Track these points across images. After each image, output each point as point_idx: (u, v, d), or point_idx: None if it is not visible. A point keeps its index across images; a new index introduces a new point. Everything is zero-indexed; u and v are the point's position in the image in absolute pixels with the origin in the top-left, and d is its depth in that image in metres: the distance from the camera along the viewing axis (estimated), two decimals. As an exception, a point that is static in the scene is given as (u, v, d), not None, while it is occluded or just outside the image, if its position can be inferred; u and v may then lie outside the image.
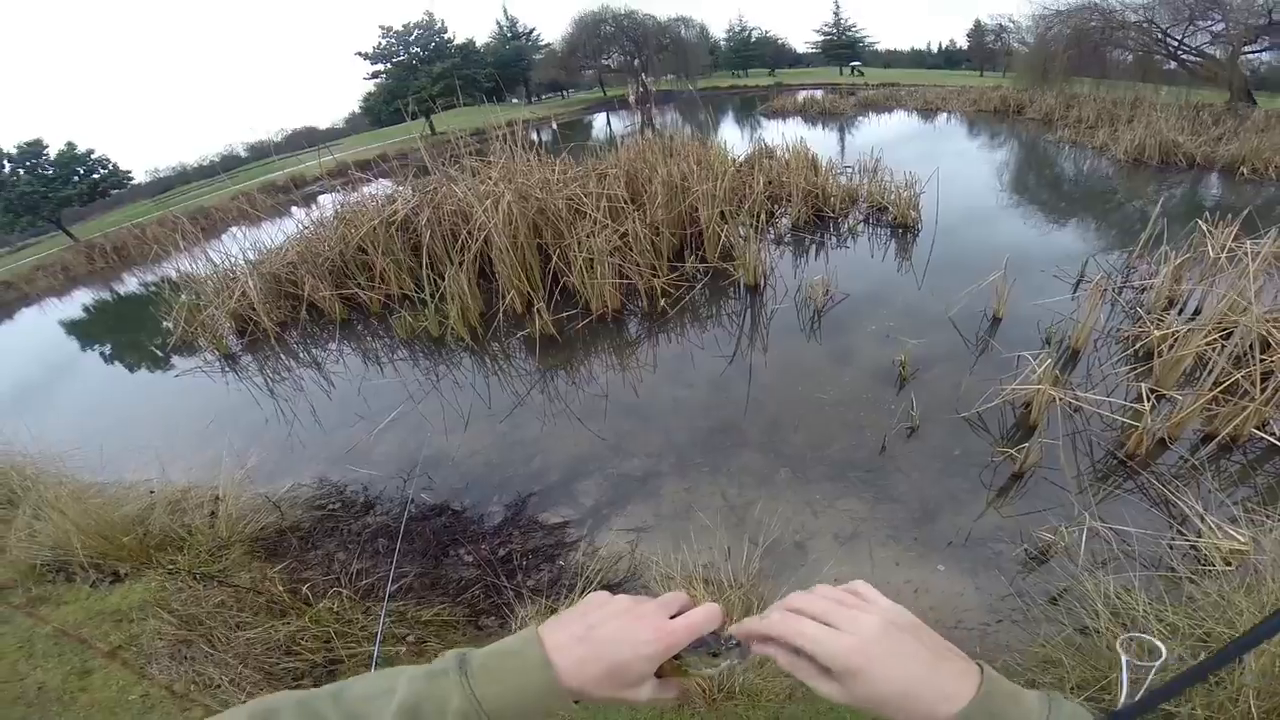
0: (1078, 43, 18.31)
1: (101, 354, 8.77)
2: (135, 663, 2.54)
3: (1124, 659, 0.63)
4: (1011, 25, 26.81)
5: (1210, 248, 4.53)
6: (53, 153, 24.45)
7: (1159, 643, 0.61)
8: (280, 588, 2.71)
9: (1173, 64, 17.76)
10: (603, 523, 3.27)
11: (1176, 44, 17.27)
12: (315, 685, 2.46)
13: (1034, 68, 19.62)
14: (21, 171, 23.33)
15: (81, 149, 25.36)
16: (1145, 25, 17.36)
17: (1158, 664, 0.60)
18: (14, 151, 23.41)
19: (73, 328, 11.30)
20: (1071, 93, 18.41)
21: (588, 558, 2.98)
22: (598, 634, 0.51)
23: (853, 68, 47.36)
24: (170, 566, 3.05)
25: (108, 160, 26.24)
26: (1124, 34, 17.83)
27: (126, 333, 9.40)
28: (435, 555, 3.15)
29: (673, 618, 0.53)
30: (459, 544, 3.22)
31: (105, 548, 3.15)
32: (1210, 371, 3.18)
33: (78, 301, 13.68)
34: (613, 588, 2.76)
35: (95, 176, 25.59)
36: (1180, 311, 4.38)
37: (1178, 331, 3.66)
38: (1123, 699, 0.58)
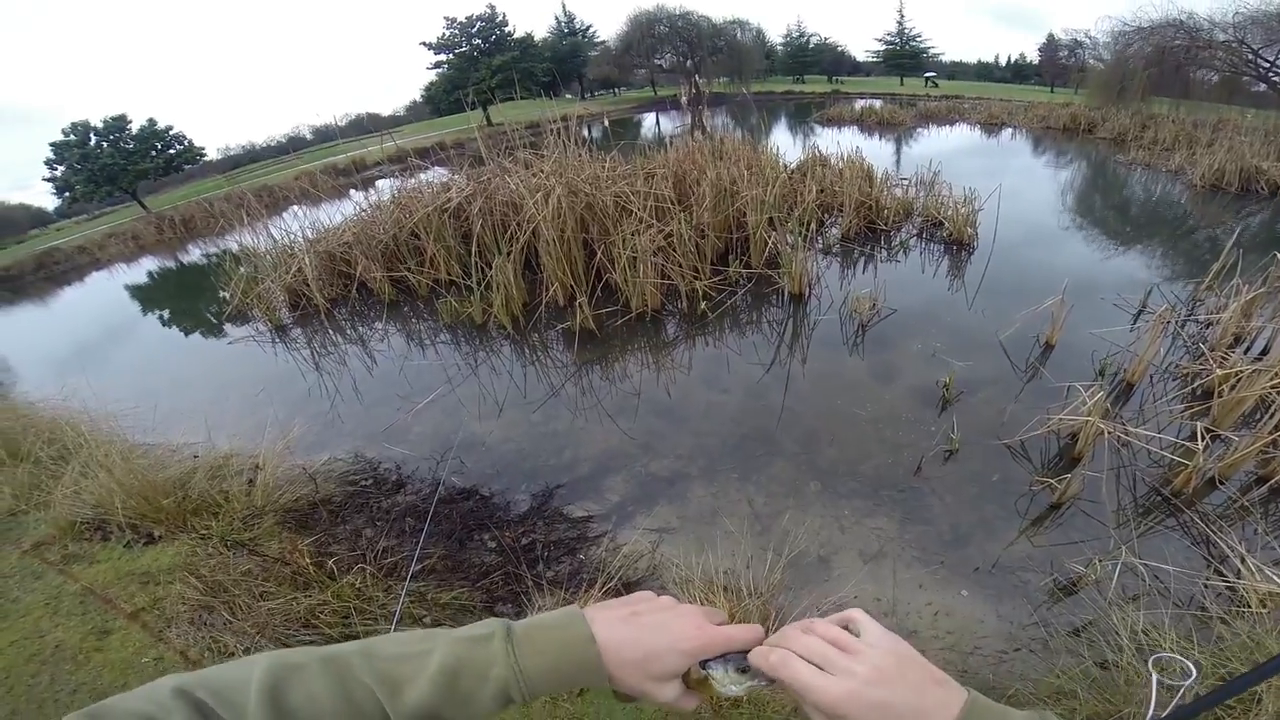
0: (1159, 61, 17.38)
1: (161, 318, 9.29)
2: (155, 626, 2.59)
3: (1154, 676, 0.64)
4: (1088, 41, 25.65)
5: (1287, 283, 4.26)
6: (135, 128, 25.91)
7: (1189, 663, 0.62)
8: (307, 559, 2.75)
9: (1262, 86, 16.71)
10: (627, 520, 3.28)
11: (1269, 65, 16.23)
12: None
13: (1110, 85, 18.72)
14: (105, 145, 24.82)
15: (161, 125, 26.82)
16: (1235, 45, 16.37)
17: (1188, 683, 0.61)
18: (100, 125, 24.92)
19: (137, 292, 12.00)
20: (1149, 113, 17.52)
21: (609, 554, 2.99)
22: (642, 619, 0.52)
23: (927, 78, 45.77)
24: (204, 532, 3.11)
25: (184, 137, 27.73)
26: (1210, 54, 16.86)
27: (186, 299, 9.95)
28: (460, 538, 3.20)
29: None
30: (484, 529, 3.27)
31: (145, 509, 3.23)
32: (1272, 414, 3.01)
33: (144, 268, 14.51)
34: (632, 585, 2.78)
35: (171, 152, 27.08)
36: (1247, 350, 4.13)
37: (1242, 371, 3.46)
38: (1150, 715, 0.58)
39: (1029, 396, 3.92)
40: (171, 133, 27.16)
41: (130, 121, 25.67)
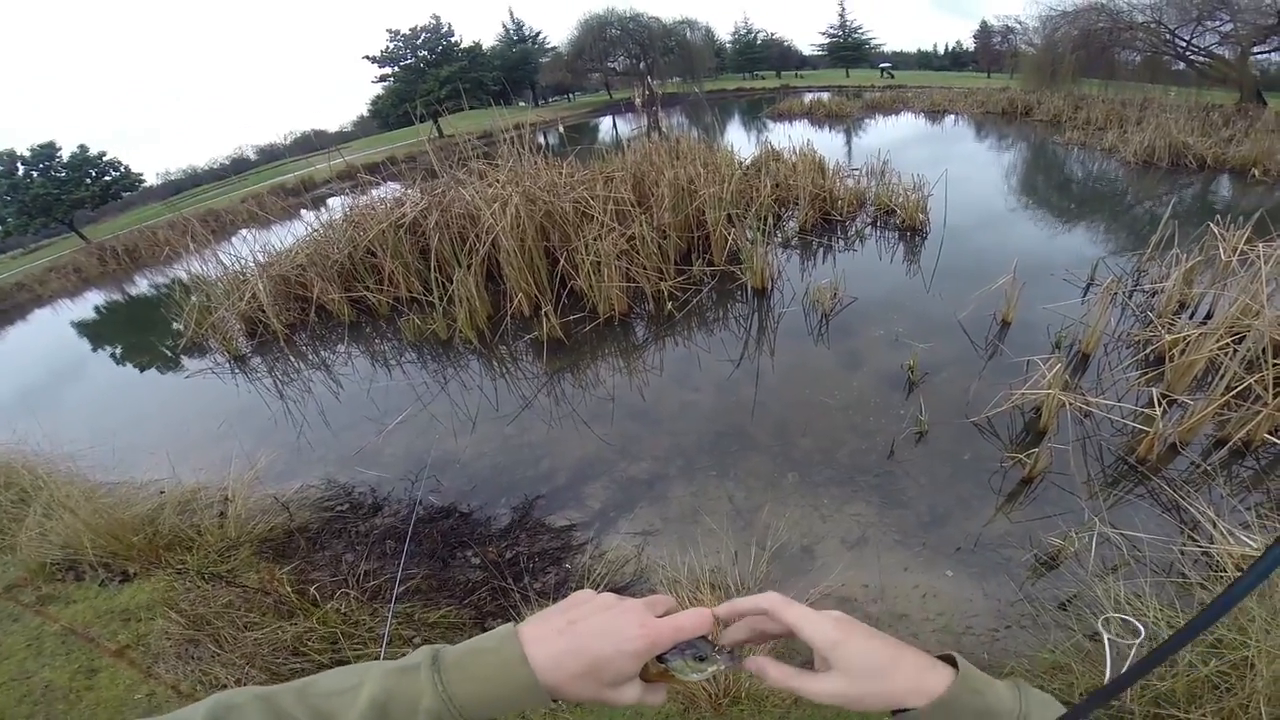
0: (1085, 44, 18.22)
1: (113, 355, 8.86)
2: (142, 662, 2.56)
3: (1106, 637, 0.66)
4: (1019, 26, 26.62)
5: (1222, 250, 4.48)
6: (65, 155, 24.72)
7: (1137, 622, 0.65)
8: (288, 588, 2.72)
9: (1181, 65, 17.64)
10: (609, 526, 3.26)
11: (1185, 45, 17.15)
12: None
13: (1041, 69, 19.53)
14: (35, 174, 23.63)
15: (94, 152, 25.65)
16: (1153, 26, 17.25)
17: (1138, 641, 0.65)
18: (28, 154, 23.71)
19: (84, 328, 11.42)
20: (1079, 94, 18.32)
21: (594, 560, 2.98)
22: (579, 628, 0.50)
23: (882, 69, 46.31)
24: (179, 566, 3.07)
25: (119, 163, 26.56)
26: (1132, 35, 17.73)
27: (138, 333, 9.50)
28: (443, 557, 3.15)
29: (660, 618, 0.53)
30: (466, 546, 3.22)
31: (115, 547, 3.17)
32: (1222, 376, 3.16)
33: (90, 302, 13.82)
34: (619, 591, 2.76)
35: (107, 179, 25.90)
36: (1191, 315, 4.34)
37: (1189, 336, 3.63)
38: (1107, 675, 0.60)
39: (991, 374, 4.04)
40: (105, 159, 25.98)
41: (59, 149, 24.47)
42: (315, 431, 4.75)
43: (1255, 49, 16.17)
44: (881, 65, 49.19)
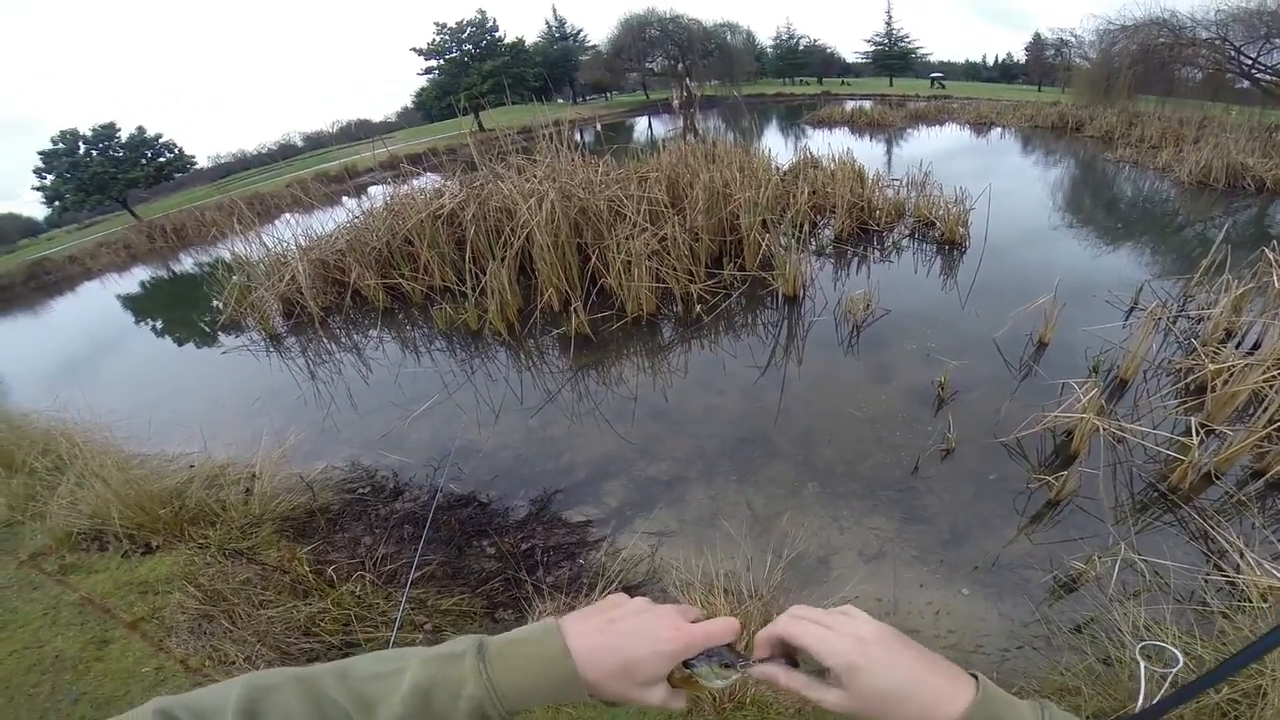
0: (1144, 59, 17.55)
1: (154, 328, 9.24)
2: (155, 635, 2.58)
3: (1142, 664, 0.66)
4: (1073, 40, 25.80)
5: (1275, 278, 4.30)
6: (124, 136, 25.77)
7: (1176, 651, 0.64)
8: (306, 568, 2.74)
9: (1245, 83, 16.89)
10: (626, 524, 3.28)
11: (1251, 62, 16.41)
12: None
13: (1095, 84, 18.87)
14: (94, 153, 24.67)
15: (151, 134, 26.69)
16: (1218, 43, 16.55)
17: (1174, 670, 0.66)
18: (89, 134, 24.77)
19: (129, 302, 11.92)
20: (1134, 111, 17.69)
21: (609, 558, 2.99)
22: (617, 627, 0.52)
23: (933, 79, 44.94)
24: (201, 541, 3.11)
25: (174, 145, 27.59)
26: (1194, 51, 17.02)
27: (179, 309, 9.88)
28: (459, 545, 3.19)
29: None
30: (484, 535, 3.26)
31: (141, 519, 3.22)
32: (1266, 408, 3.05)
33: (136, 278, 14.42)
34: (631, 589, 2.78)
35: (161, 160, 26.93)
36: (1238, 345, 4.17)
37: (1234, 366, 3.49)
38: (1140, 703, 0.60)
39: (1024, 395, 3.94)
40: (161, 140, 27.03)
41: (119, 129, 25.52)
42: (343, 413, 4.87)
43: None
44: (933, 75, 47.81)
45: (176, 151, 27.69)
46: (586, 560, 3.04)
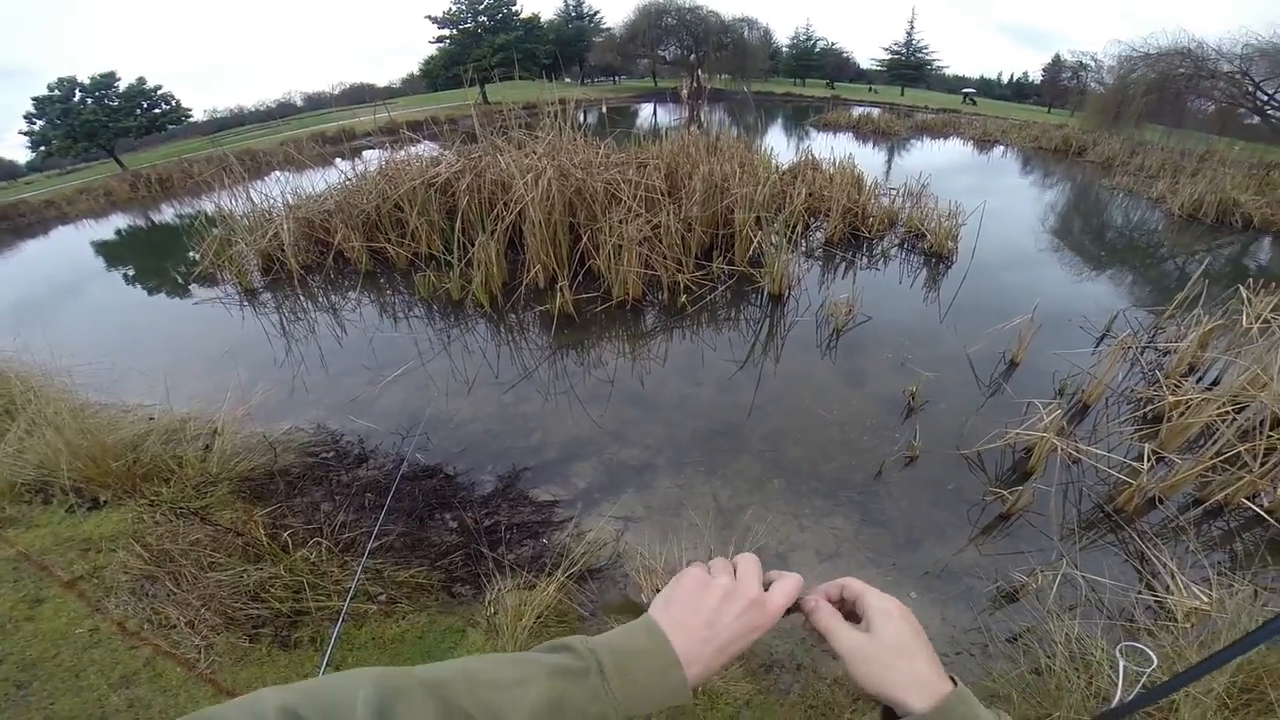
0: (1160, 88, 17.65)
1: (125, 276, 8.98)
2: (93, 595, 2.47)
3: (1121, 663, 0.73)
4: (1092, 64, 25.86)
5: (1245, 317, 4.41)
6: (122, 86, 25.14)
7: (1151, 652, 0.72)
8: (261, 531, 2.64)
9: (1256, 119, 17.06)
10: (593, 507, 3.29)
11: (1267, 98, 16.57)
12: (275, 633, 2.26)
13: (1106, 109, 18.98)
14: (90, 101, 24.03)
15: (150, 85, 26.03)
16: (1238, 76, 16.68)
17: (1149, 670, 0.72)
18: (87, 82, 24.15)
19: (103, 248, 11.60)
20: (1140, 139, 17.85)
21: (573, 539, 2.99)
22: (720, 633, 0.53)
23: (965, 94, 43.75)
24: (153, 498, 2.98)
25: (172, 96, 26.88)
26: (1212, 84, 17.15)
27: (154, 258, 9.65)
28: (421, 517, 3.16)
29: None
30: (447, 508, 3.24)
31: (92, 471, 3.06)
32: (1215, 440, 3.18)
33: (113, 225, 14.05)
34: (595, 572, 2.79)
35: (156, 111, 26.25)
36: (1200, 379, 4.28)
37: (1192, 400, 3.59)
38: (1117, 699, 0.67)
39: (990, 410, 4.01)
40: (160, 92, 26.34)
41: (119, 79, 24.86)
42: (313, 374, 4.81)
43: None
44: (965, 90, 47.36)
45: (174, 103, 26.97)
46: (550, 540, 3.04)
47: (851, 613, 0.59)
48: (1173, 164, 14.06)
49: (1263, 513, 3.03)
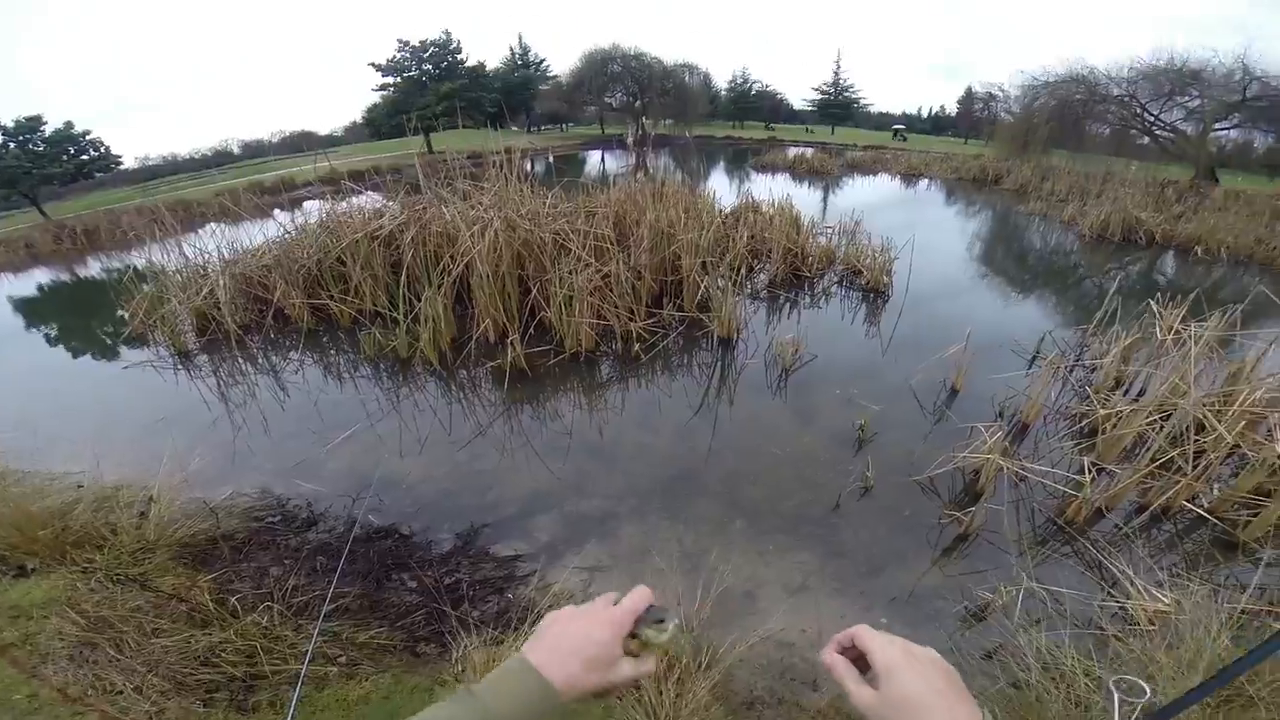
0: (1060, 114, 19.30)
1: (47, 336, 8.39)
2: (26, 662, 2.41)
3: (1115, 695, 0.78)
4: (1001, 94, 27.73)
5: (1159, 329, 4.79)
6: (49, 130, 24.03)
7: (1144, 684, 0.77)
8: (206, 597, 2.63)
9: (1146, 139, 18.79)
10: (556, 559, 3.24)
11: (1153, 119, 18.26)
12: (231, 698, 2.26)
13: (1016, 137, 20.61)
14: (12, 145, 22.83)
15: (79, 129, 24.98)
16: (1126, 99, 18.38)
17: (1143, 700, 0.76)
18: (10, 125, 22.99)
19: (21, 305, 10.86)
20: (1047, 165, 19.34)
21: (539, 593, 2.95)
22: (565, 644, 0.61)
23: (895, 131, 46.72)
24: (86, 565, 2.92)
25: (100, 143, 25.78)
26: (1105, 107, 18.89)
27: (78, 317, 9.08)
28: (378, 578, 3.07)
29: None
30: (404, 568, 3.15)
31: (16, 539, 3.00)
32: (1149, 448, 3.41)
33: (34, 279, 13.23)
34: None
35: (84, 158, 25.13)
36: (1126, 392, 4.59)
37: (1122, 411, 3.86)
38: None
39: (937, 437, 4.19)
40: (88, 138, 25.26)
41: (45, 123, 23.74)
42: (255, 438, 4.59)
43: (1216, 125, 17.29)
44: (895, 126, 50.63)
45: (102, 150, 25.86)
46: (515, 595, 2.98)
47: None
48: (1079, 187, 15.29)
49: (1205, 513, 3.26)
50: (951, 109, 61.16)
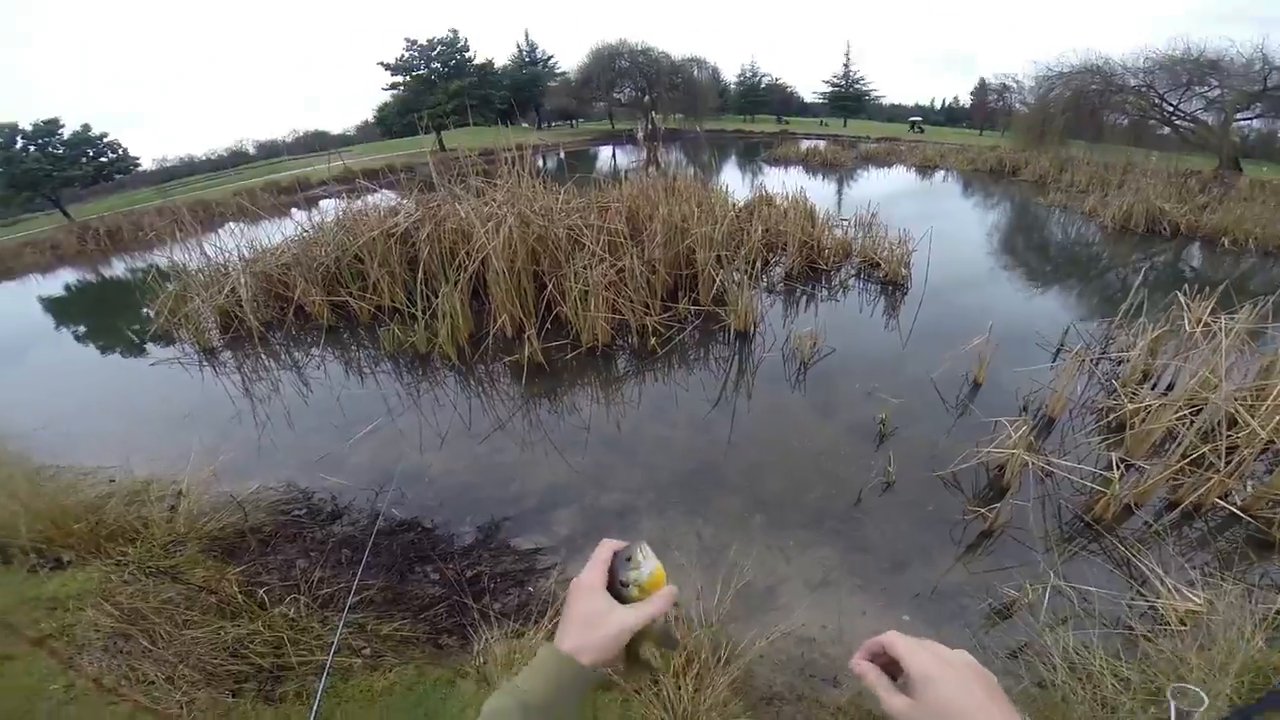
0: (1076, 105, 18.88)
1: (76, 335, 8.63)
2: (64, 653, 2.47)
3: (1173, 705, 0.77)
4: (1015, 85, 27.31)
5: (1187, 322, 4.68)
6: (67, 133, 24.49)
7: (1202, 693, 0.75)
8: (235, 588, 2.67)
9: (1166, 129, 18.33)
10: (576, 553, 3.24)
11: (1172, 109, 17.81)
12: (259, 688, 2.32)
13: (1032, 128, 20.20)
14: (33, 148, 23.30)
15: (95, 132, 25.42)
16: (1144, 89, 17.94)
17: (1201, 708, 0.74)
18: (29, 129, 23.45)
19: (51, 305, 11.12)
20: (1065, 155, 18.95)
21: (560, 586, 2.96)
22: (566, 618, 0.67)
23: (913, 123, 45.43)
24: (119, 558, 2.99)
25: (118, 145, 26.28)
26: (1122, 97, 18.44)
27: (106, 316, 9.28)
28: (401, 570, 3.12)
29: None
30: (427, 561, 3.19)
31: (52, 533, 3.09)
32: (1179, 444, 3.32)
33: (61, 280, 13.50)
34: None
35: (103, 160, 25.59)
36: (1154, 385, 4.50)
37: (1150, 406, 3.77)
38: None
39: (960, 431, 4.13)
40: (105, 140, 25.72)
41: (63, 126, 24.22)
42: (279, 433, 4.67)
43: (1238, 115, 16.85)
44: (912, 119, 49.73)
45: (120, 152, 26.35)
46: (535, 588, 3.00)
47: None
48: (1099, 178, 14.96)
49: (1238, 511, 3.16)
50: (965, 100, 60.02)
